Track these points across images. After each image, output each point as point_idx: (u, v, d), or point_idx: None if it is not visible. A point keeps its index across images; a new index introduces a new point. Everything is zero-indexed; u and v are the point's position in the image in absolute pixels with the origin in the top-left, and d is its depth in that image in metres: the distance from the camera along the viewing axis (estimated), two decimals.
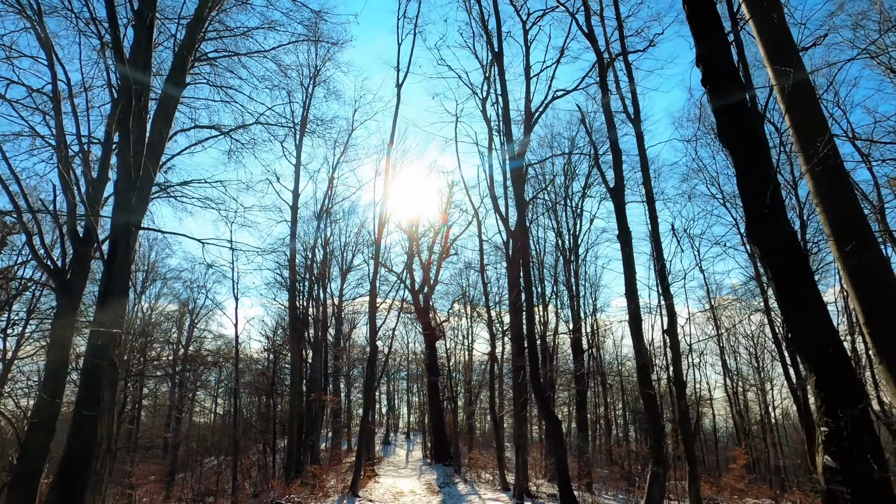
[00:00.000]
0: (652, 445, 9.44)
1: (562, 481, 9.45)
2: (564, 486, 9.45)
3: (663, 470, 9.04)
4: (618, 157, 11.47)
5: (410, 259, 26.55)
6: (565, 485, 9.41)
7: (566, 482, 9.37)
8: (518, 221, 14.71)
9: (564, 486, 9.45)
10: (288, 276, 21.08)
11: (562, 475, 9.44)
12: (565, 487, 9.44)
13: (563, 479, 9.47)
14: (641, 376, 9.74)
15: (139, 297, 31.61)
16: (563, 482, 9.44)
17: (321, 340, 26.23)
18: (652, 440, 9.52)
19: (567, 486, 9.36)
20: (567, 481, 9.36)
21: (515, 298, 13.80)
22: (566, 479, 9.45)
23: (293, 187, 21.73)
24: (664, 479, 9.00)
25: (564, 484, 9.44)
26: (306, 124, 22.08)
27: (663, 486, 8.97)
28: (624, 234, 10.77)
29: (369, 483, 19.29)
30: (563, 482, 9.45)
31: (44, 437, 10.52)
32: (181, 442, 32.69)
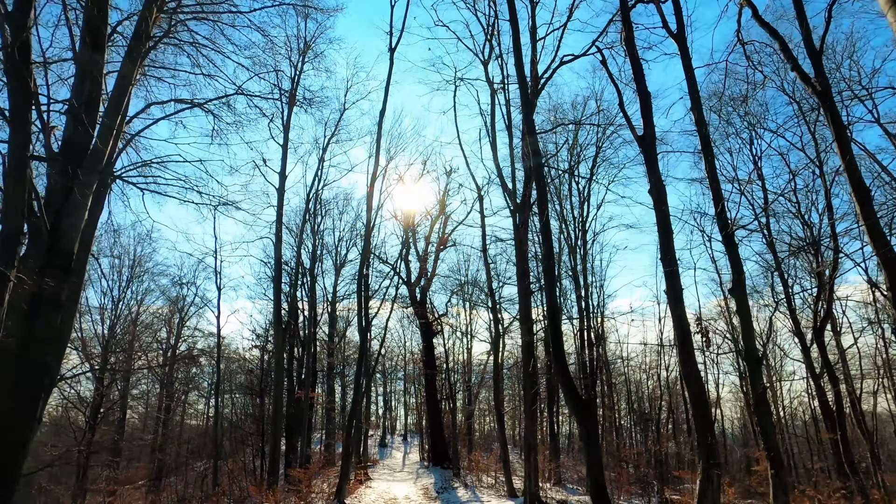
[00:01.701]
0: (700, 441, 7.33)
1: (596, 490, 7.31)
2: (599, 496, 7.29)
3: (718, 473, 6.92)
4: (646, 101, 9.46)
5: (406, 249, 24.46)
6: (600, 495, 7.25)
7: (601, 492, 7.23)
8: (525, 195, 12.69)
9: (599, 496, 7.29)
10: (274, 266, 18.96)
11: (596, 484, 7.29)
12: (600, 498, 7.28)
13: (598, 489, 7.32)
14: (682, 351, 7.66)
15: (123, 293, 29.45)
16: (597, 491, 7.29)
17: (310, 335, 24.10)
18: (699, 434, 7.41)
19: (603, 496, 7.22)
20: (603, 490, 7.23)
21: (523, 275, 11.78)
22: (601, 488, 7.31)
23: (280, 168, 19.69)
24: (719, 486, 6.88)
25: (599, 494, 7.28)
26: (294, 102, 20.08)
27: (718, 495, 6.85)
28: (657, 188, 8.76)
29: (360, 489, 17.09)
30: (598, 491, 7.30)
31: None
32: (164, 444, 30.31)
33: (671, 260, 8.24)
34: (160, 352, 32.88)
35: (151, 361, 32.15)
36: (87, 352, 26.28)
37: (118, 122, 15.95)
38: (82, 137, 11.69)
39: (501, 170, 12.94)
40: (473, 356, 32.48)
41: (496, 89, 13.87)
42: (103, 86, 11.93)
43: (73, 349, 23.60)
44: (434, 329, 24.57)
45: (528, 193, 12.25)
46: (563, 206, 21.57)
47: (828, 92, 7.59)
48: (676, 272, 8.18)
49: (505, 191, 12.70)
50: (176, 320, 33.52)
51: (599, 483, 7.21)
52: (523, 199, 12.18)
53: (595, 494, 7.10)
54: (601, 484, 7.22)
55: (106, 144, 11.97)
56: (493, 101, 14.00)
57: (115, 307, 28.79)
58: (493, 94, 14.14)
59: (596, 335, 20.91)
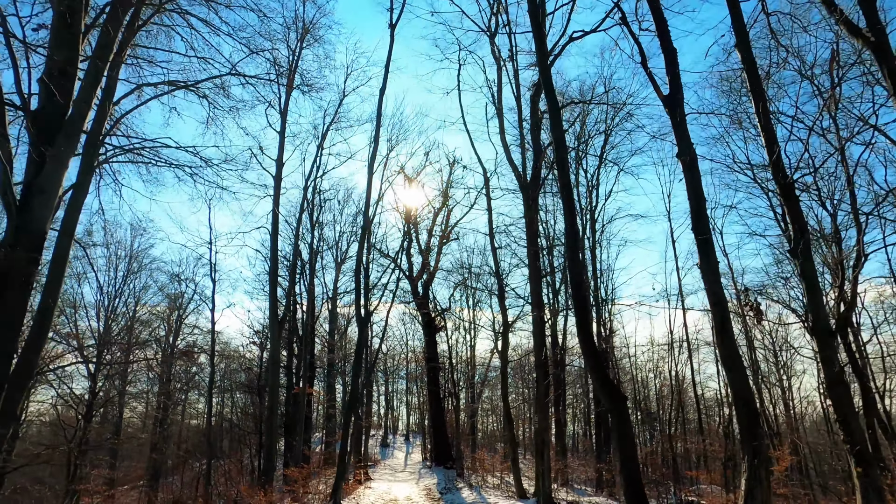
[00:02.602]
0: (744, 435, 6.25)
1: (633, 491, 6.14)
2: (637, 497, 6.11)
3: (767, 471, 5.84)
4: (672, 58, 8.44)
5: (408, 242, 23.42)
6: (638, 497, 6.08)
7: (639, 493, 6.07)
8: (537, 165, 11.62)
9: (637, 497, 6.11)
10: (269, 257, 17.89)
11: (633, 483, 6.11)
12: (638, 499, 6.11)
13: (635, 489, 6.14)
14: (721, 332, 6.60)
15: (120, 289, 28.43)
16: (634, 492, 6.12)
17: (307, 327, 23.04)
18: (742, 428, 6.33)
19: (640, 497, 6.07)
20: (640, 491, 6.08)
21: (535, 257, 10.73)
22: (639, 488, 6.14)
23: (277, 155, 18.70)
24: (769, 485, 5.80)
25: (637, 495, 6.10)
26: (292, 87, 19.09)
27: (769, 496, 5.77)
28: (687, 152, 7.67)
29: (359, 489, 16.00)
30: (635, 492, 6.12)
31: None
32: (160, 443, 29.21)
33: (704, 228, 7.20)
34: (158, 350, 31.78)
35: (150, 360, 31.09)
36: (80, 347, 25.30)
37: (102, 100, 14.95)
38: (57, 107, 10.71)
39: (509, 147, 11.93)
40: (477, 354, 31.41)
41: (503, 64, 12.88)
42: (81, 50, 10.93)
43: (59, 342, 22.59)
44: (437, 324, 23.49)
45: (539, 168, 11.21)
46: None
47: (884, 43, 6.51)
48: (710, 242, 7.14)
49: (512, 167, 11.66)
50: (174, 317, 32.45)
51: (636, 483, 6.12)
52: (534, 173, 11.14)
53: (632, 496, 6.02)
54: (638, 483, 6.13)
55: (83, 114, 10.97)
56: (500, 76, 13.02)
57: (110, 303, 27.77)
58: (499, 69, 13.15)
59: (605, 329, 19.78)
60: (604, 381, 6.67)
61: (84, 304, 26.51)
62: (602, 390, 6.60)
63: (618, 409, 6.37)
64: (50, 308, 11.07)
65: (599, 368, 6.68)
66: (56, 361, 23.04)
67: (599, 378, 6.69)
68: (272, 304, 17.11)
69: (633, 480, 6.01)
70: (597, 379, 6.65)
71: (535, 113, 12.58)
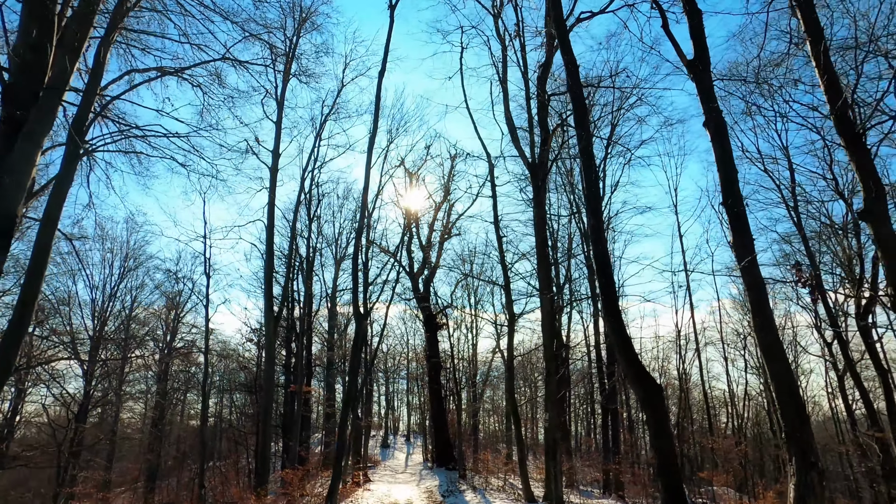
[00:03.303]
0: (790, 435, 5.38)
1: (673, 493, 5.24)
2: (676, 496, 5.20)
3: (819, 475, 4.97)
4: (697, 21, 7.59)
5: (409, 238, 22.56)
6: (676, 496, 5.17)
7: (677, 489, 5.16)
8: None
9: (676, 496, 5.20)
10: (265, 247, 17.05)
11: (672, 485, 5.22)
12: (676, 497, 5.19)
13: (676, 491, 5.24)
14: (759, 314, 5.76)
15: (116, 286, 27.57)
16: (675, 495, 5.22)
17: (304, 321, 22.19)
18: (788, 425, 5.47)
19: (679, 496, 5.16)
20: (681, 494, 5.19)
21: (542, 244, 9.88)
22: (677, 485, 5.23)
23: (273, 146, 17.88)
24: (823, 491, 4.93)
25: (675, 493, 5.19)
26: (289, 76, 18.32)
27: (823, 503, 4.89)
28: (715, 120, 6.84)
29: (357, 492, 15.12)
30: (673, 489, 5.21)
31: None
32: (156, 444, 28.30)
33: (737, 200, 6.36)
34: (155, 349, 30.89)
35: (147, 359, 30.24)
36: (74, 344, 24.47)
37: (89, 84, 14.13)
38: (31, 82, 9.84)
39: (515, 129, 11.05)
40: (478, 353, 30.53)
41: (509, 41, 12.07)
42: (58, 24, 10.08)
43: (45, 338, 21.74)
44: (437, 322, 22.61)
45: (547, 150, 10.35)
46: (576, 189, 19.63)
47: None
48: (744, 217, 6.29)
49: (518, 150, 10.81)
50: (171, 316, 31.56)
51: (677, 489, 5.21)
52: (542, 155, 10.29)
53: (672, 499, 5.13)
54: (679, 490, 5.22)
55: (59, 88, 10.14)
56: (505, 55, 12.22)
57: (106, 301, 26.91)
58: (504, 49, 12.35)
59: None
60: (637, 369, 5.76)
61: (79, 302, 25.71)
62: (635, 380, 5.72)
63: (653, 401, 5.49)
64: (30, 301, 10.22)
65: (631, 354, 5.78)
66: (51, 359, 22.32)
67: (632, 366, 5.78)
68: (267, 299, 16.27)
69: (673, 487, 5.11)
70: (629, 367, 5.76)
71: (542, 94, 11.77)
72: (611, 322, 6.35)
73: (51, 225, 12.69)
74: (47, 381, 22.61)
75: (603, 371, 18.87)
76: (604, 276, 6.22)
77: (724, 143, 6.77)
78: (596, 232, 6.62)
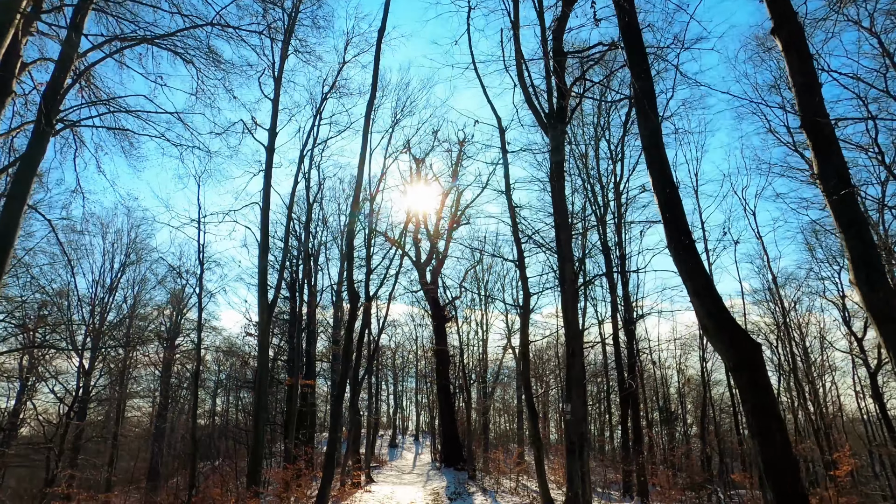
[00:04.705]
0: None
1: (784, 494, 3.65)
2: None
3: None
4: None
5: (415, 226, 21.05)
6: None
7: (796, 498, 3.59)
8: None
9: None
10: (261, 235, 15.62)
11: (785, 480, 3.63)
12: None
13: (791, 494, 3.67)
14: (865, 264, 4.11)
15: (117, 279, 26.38)
16: (788, 496, 3.63)
17: (298, 313, 20.76)
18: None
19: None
20: (800, 496, 3.63)
21: (561, 211, 8.32)
22: (796, 491, 3.66)
23: (270, 124, 16.50)
24: None
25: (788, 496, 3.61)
26: (287, 52, 16.98)
27: None
28: (788, 23, 5.21)
29: (356, 494, 13.53)
30: (792, 497, 3.63)
31: None
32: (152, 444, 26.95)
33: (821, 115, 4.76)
34: (158, 346, 29.60)
35: (149, 356, 28.99)
36: (73, 337, 23.30)
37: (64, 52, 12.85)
38: None
39: (527, 88, 9.42)
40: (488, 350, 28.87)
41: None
42: None
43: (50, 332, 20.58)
44: (445, 313, 21.04)
45: (566, 105, 8.75)
46: (590, 173, 18.00)
47: None
48: (832, 134, 4.69)
49: (531, 106, 9.26)
50: (174, 312, 30.28)
51: (796, 493, 3.63)
52: (560, 107, 8.73)
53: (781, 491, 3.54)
54: (799, 494, 3.64)
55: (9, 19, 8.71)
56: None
57: (106, 295, 25.70)
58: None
59: (631, 317, 17.19)
60: (725, 322, 4.09)
61: (78, 295, 24.50)
62: (722, 336, 4.07)
63: (748, 365, 3.86)
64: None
65: (716, 303, 4.08)
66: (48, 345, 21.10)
67: (717, 318, 4.07)
68: (261, 286, 14.83)
69: (792, 495, 3.48)
70: (713, 318, 4.07)
71: (560, 52, 10.22)
72: (683, 257, 4.57)
73: (19, 200, 11.35)
74: (46, 378, 21.45)
75: (622, 363, 17.15)
76: (667, 192, 4.55)
77: (802, 52, 5.17)
78: (655, 136, 5.05)
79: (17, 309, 20.13)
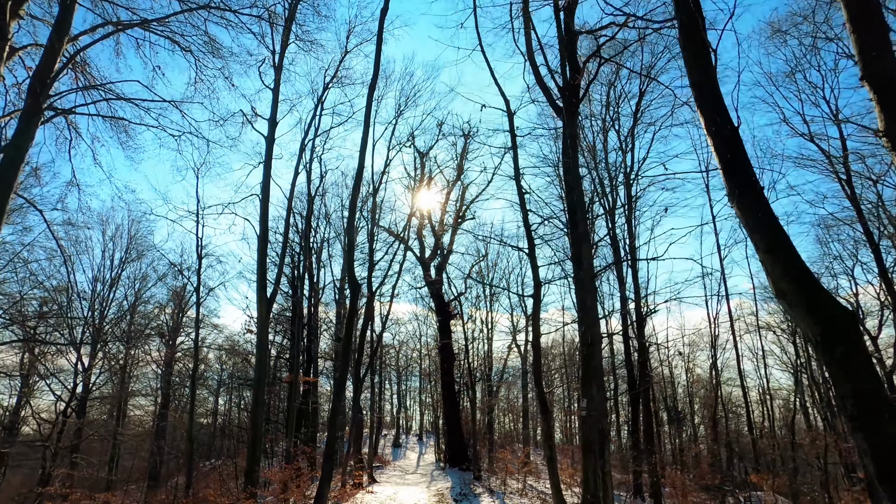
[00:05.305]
0: None
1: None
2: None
3: None
4: None
5: (420, 221, 20.40)
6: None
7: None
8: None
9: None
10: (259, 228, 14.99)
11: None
12: None
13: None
14: None
15: (118, 275, 25.83)
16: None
17: (298, 306, 20.13)
18: None
19: None
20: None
21: (575, 184, 7.65)
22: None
23: (270, 114, 15.90)
24: None
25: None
26: (288, 40, 16.38)
27: None
28: None
29: (357, 494, 12.85)
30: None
31: None
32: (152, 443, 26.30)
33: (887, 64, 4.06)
34: (160, 344, 29.02)
35: (150, 354, 28.42)
36: (72, 332, 22.73)
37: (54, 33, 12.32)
38: None
39: (535, 40, 8.72)
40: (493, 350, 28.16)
41: None
42: None
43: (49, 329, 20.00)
44: (450, 310, 20.36)
45: (578, 82, 8.04)
46: (598, 162, 17.28)
47: None
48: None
49: (542, 85, 8.58)
50: (174, 310, 29.68)
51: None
52: (573, 84, 8.04)
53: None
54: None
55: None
56: None
57: (105, 290, 25.15)
58: None
59: (641, 313, 16.46)
60: (809, 285, 3.28)
61: (77, 291, 23.93)
62: (798, 295, 3.16)
63: (842, 338, 3.07)
64: None
65: (788, 250, 3.26)
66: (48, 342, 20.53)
67: (798, 281, 3.20)
68: (260, 280, 14.21)
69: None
70: (795, 282, 3.20)
71: (571, 32, 9.57)
72: (750, 205, 3.73)
73: (6, 189, 10.81)
74: (47, 377, 20.91)
75: (632, 360, 16.41)
76: (726, 129, 3.78)
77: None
78: (704, 59, 4.34)
79: (16, 305, 19.60)
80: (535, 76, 9.06)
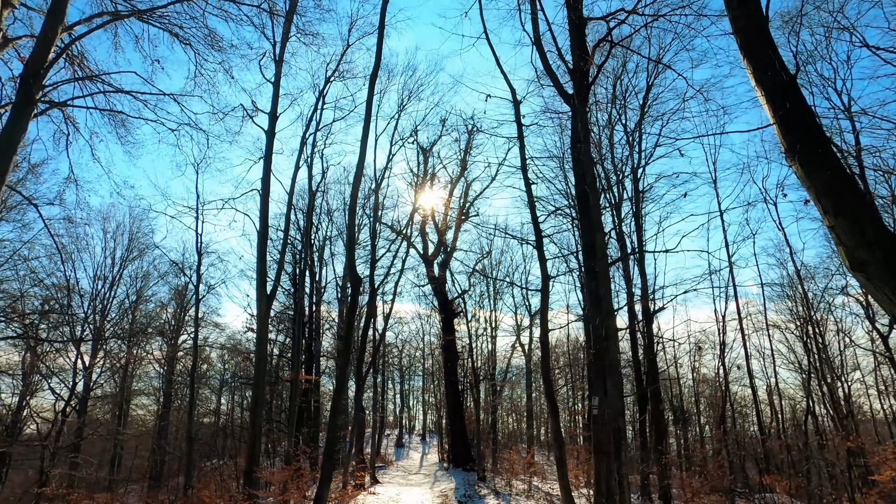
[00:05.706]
0: None
1: None
2: None
3: None
4: None
5: (423, 218, 20.00)
6: None
7: None
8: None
9: None
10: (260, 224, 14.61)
11: None
12: None
13: None
14: None
15: (119, 274, 25.51)
16: None
17: (300, 304, 19.75)
18: None
19: None
20: None
21: (584, 175, 7.23)
22: None
23: (270, 108, 15.53)
24: None
25: None
26: (289, 35, 16.03)
27: None
28: None
29: (359, 496, 12.44)
30: None
31: None
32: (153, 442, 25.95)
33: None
34: (163, 342, 28.68)
35: (152, 352, 28.11)
36: (72, 330, 22.42)
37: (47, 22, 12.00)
38: None
39: (542, 18, 8.29)
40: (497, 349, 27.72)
41: None
42: None
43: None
44: (454, 307, 19.95)
45: (588, 65, 7.62)
46: (603, 157, 16.81)
47: None
48: None
49: (549, 73, 8.17)
50: (176, 309, 29.34)
51: None
52: (584, 66, 7.64)
53: None
54: None
55: None
56: None
57: (106, 289, 24.83)
58: None
59: (649, 309, 16.00)
60: (888, 243, 2.89)
61: (78, 289, 23.61)
62: (884, 268, 2.71)
63: None
64: None
65: (868, 212, 3.03)
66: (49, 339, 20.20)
67: (874, 234, 2.89)
68: (260, 276, 13.84)
69: None
70: (863, 238, 2.71)
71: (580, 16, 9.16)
72: (817, 162, 3.24)
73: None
74: (48, 376, 20.59)
75: (639, 358, 15.97)
76: (781, 78, 3.29)
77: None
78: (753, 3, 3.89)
79: (17, 302, 19.29)
80: (541, 61, 8.66)
